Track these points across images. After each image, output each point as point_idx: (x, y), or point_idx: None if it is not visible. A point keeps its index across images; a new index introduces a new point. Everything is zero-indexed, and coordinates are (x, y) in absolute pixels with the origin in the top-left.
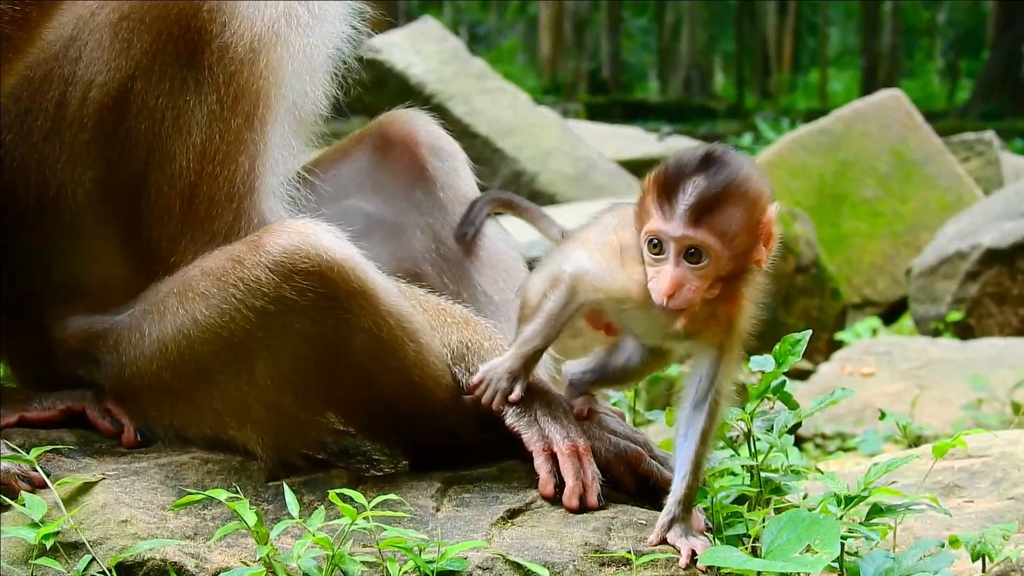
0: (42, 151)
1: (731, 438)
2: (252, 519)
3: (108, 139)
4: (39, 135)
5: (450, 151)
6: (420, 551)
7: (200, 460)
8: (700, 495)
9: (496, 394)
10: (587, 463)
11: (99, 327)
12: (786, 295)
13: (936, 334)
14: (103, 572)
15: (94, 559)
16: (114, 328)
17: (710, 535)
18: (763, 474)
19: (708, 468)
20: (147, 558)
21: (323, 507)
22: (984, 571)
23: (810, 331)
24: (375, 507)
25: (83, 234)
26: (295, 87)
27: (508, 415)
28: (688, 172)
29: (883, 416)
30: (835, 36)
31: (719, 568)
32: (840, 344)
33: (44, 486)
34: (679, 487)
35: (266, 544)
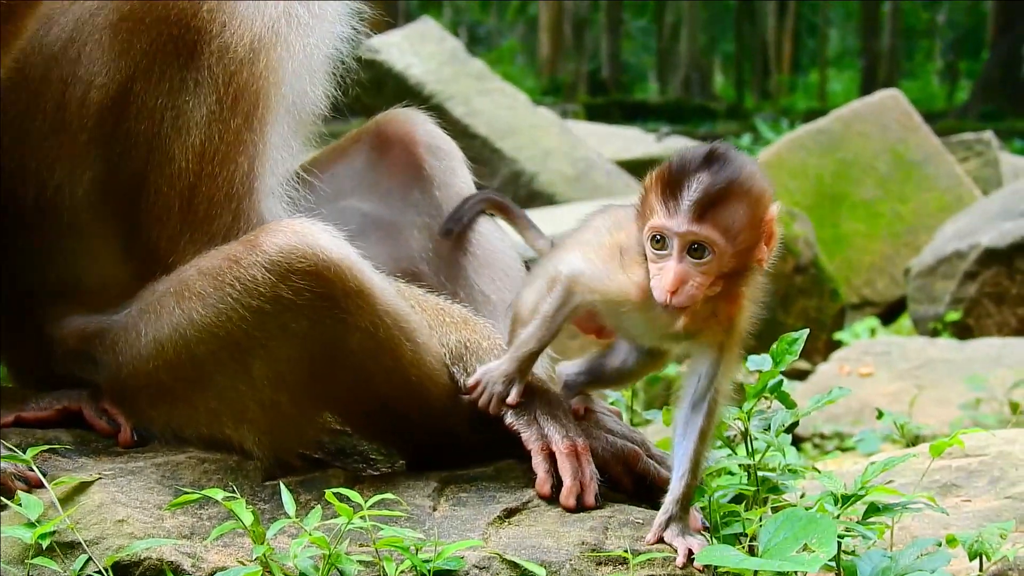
0: (41, 152)
1: (728, 437)
2: (248, 518)
3: (107, 139)
4: (38, 136)
5: (447, 150)
6: (417, 550)
7: (197, 460)
8: (697, 494)
9: (492, 398)
10: (585, 463)
11: (96, 327)
12: (785, 295)
13: (934, 334)
14: (100, 572)
15: (90, 559)
16: (111, 328)
17: (707, 534)
18: (760, 473)
19: (706, 467)
20: (143, 558)
21: (320, 506)
22: (981, 570)
23: (807, 330)
24: (372, 506)
25: (81, 234)
26: (294, 87)
27: (507, 414)
28: (692, 169)
29: (880, 415)
30: (835, 37)
31: (716, 567)
32: (839, 344)
33: (40, 486)
34: (677, 486)
35: (263, 543)
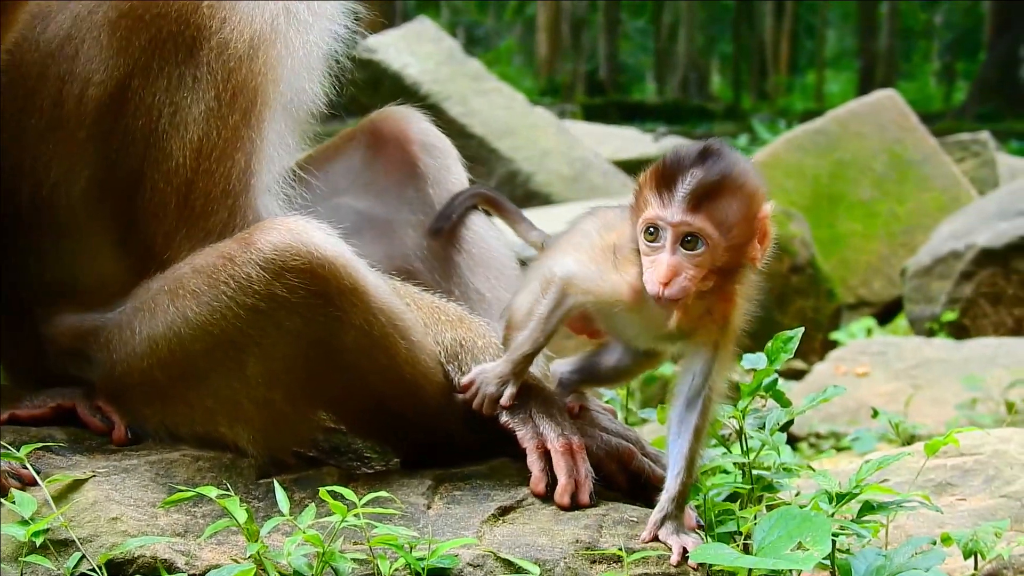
0: (37, 149)
1: (723, 436)
2: (242, 516)
3: (105, 136)
4: (34, 133)
5: (442, 148)
6: (411, 548)
7: (191, 457)
8: (692, 492)
9: (485, 399)
10: (580, 461)
11: (91, 324)
12: (781, 295)
13: (931, 334)
14: (93, 569)
15: (84, 556)
16: (105, 326)
17: (702, 532)
18: (755, 472)
19: (701, 465)
20: (137, 555)
21: (314, 504)
22: (976, 569)
23: (802, 328)
24: (366, 504)
25: (77, 232)
26: (292, 84)
27: (502, 413)
28: (687, 164)
29: (876, 415)
30: (832, 38)
31: (710, 565)
32: (835, 344)
33: (34, 483)
34: (672, 484)
35: (256, 541)
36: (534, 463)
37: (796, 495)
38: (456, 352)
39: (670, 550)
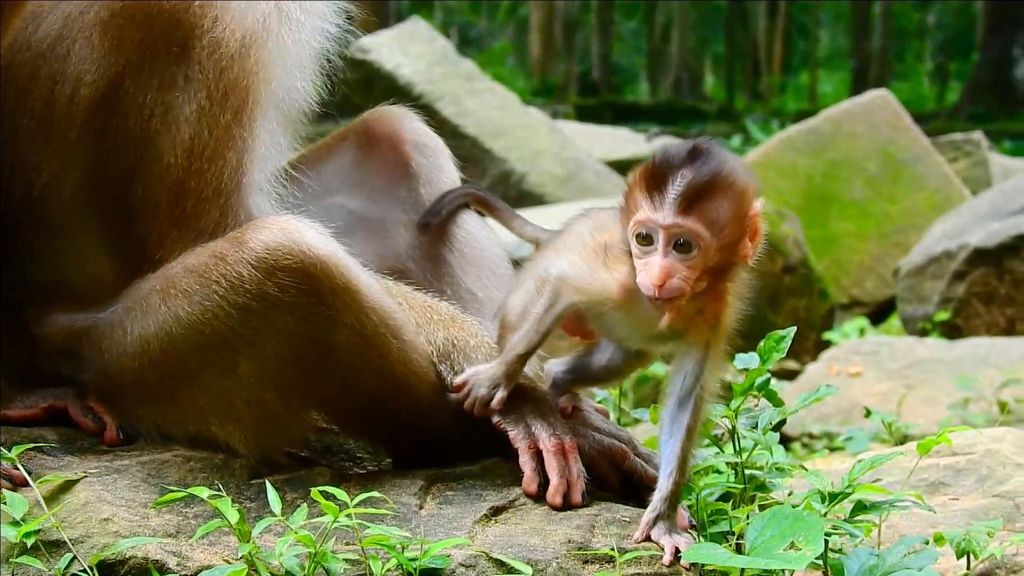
0: (29, 149)
1: (716, 435)
2: (234, 517)
3: (97, 136)
4: (26, 134)
5: (434, 147)
6: (403, 549)
7: (182, 458)
8: (685, 492)
9: (476, 400)
10: (572, 461)
11: (82, 324)
12: (774, 295)
13: (924, 334)
14: (84, 570)
15: (75, 557)
16: (97, 325)
17: (694, 532)
18: (747, 471)
19: (693, 465)
20: (129, 556)
21: (306, 505)
22: (969, 568)
23: (795, 328)
24: (358, 505)
25: (69, 232)
26: (284, 84)
27: (494, 413)
28: (676, 164)
29: (869, 415)
30: (825, 38)
31: (703, 565)
32: (828, 344)
33: (25, 484)
34: (665, 484)
35: (248, 542)
36: (526, 463)
37: (789, 495)
38: (448, 351)
39: (662, 550)
